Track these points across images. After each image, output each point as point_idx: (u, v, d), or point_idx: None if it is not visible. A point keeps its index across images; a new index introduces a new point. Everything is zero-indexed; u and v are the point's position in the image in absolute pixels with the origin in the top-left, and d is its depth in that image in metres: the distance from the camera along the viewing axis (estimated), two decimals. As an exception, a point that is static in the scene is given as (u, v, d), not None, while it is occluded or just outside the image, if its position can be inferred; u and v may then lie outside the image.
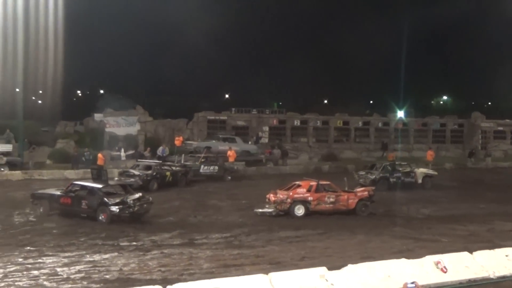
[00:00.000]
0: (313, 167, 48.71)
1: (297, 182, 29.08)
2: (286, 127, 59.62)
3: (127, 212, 25.33)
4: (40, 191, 28.19)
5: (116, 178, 34.04)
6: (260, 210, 28.24)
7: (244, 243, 22.11)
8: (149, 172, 35.74)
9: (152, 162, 38.84)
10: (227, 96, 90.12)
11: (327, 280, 14.70)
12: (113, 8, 68.55)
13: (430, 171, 40.46)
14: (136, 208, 25.61)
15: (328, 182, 29.34)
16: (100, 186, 26.60)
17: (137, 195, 26.45)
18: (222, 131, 54.99)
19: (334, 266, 15.59)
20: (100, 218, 25.25)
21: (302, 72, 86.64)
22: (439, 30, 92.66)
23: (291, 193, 28.01)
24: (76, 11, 54.24)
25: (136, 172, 35.53)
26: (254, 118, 59.83)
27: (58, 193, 26.92)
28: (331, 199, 28.29)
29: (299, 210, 27.87)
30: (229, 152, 44.02)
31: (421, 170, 39.72)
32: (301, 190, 28.17)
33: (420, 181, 38.82)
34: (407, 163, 40.97)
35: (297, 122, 60.31)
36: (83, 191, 26.53)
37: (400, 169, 39.14)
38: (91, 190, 26.34)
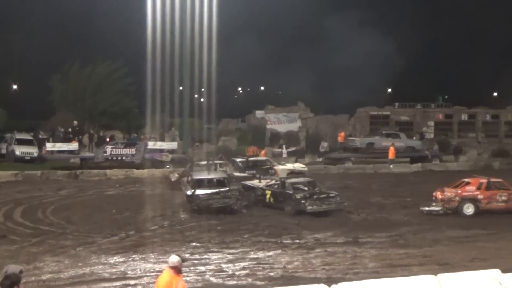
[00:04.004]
0: (483, 164, 46.99)
1: (466, 180, 28.18)
2: (452, 122, 58.01)
3: (193, 205, 27.37)
4: (183, 179, 32.49)
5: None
6: (427, 208, 27.66)
7: (410, 242, 21.78)
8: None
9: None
10: (389, 90, 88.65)
11: (500, 284, 14.13)
12: (269, 7, 69.48)
13: (299, 168, 36.94)
14: (207, 202, 27.08)
15: (499, 180, 28.24)
16: (195, 177, 29.25)
17: (216, 190, 27.86)
18: (385, 126, 54.34)
19: (508, 268, 14.99)
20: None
21: (470, 63, 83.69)
22: None
23: (459, 191, 27.21)
24: (237, 10, 55.57)
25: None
26: (419, 112, 58.65)
27: (185, 181, 30.84)
28: (503, 198, 27.21)
29: (468, 209, 27.04)
30: (391, 148, 43.82)
31: (284, 167, 36.44)
32: (471, 188, 27.29)
33: None
34: (267, 159, 37.86)
35: (464, 117, 58.50)
36: None
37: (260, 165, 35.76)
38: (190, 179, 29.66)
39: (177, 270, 11.38)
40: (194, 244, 21.40)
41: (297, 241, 21.92)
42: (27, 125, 53.64)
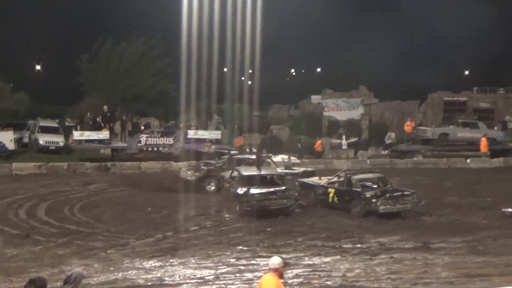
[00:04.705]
0: None
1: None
2: (542, 109, 57.10)
3: (246, 205, 26.65)
4: (222, 174, 32.43)
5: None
6: (510, 210, 27.31)
7: (490, 249, 21.52)
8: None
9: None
10: (466, 72, 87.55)
11: None
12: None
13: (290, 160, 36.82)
14: (263, 203, 26.50)
15: None
16: (244, 173, 28.77)
17: (272, 189, 27.43)
18: (462, 114, 53.71)
19: None
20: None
21: None
22: None
23: (550, 190, 26.86)
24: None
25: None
26: (501, 98, 57.82)
27: (226, 177, 30.70)
28: None
29: (561, 212, 26.65)
30: (483, 140, 43.44)
31: (277, 159, 36.34)
32: None
33: None
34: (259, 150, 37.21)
35: (557, 103, 57.56)
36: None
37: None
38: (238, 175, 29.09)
39: (279, 273, 11.37)
40: (241, 247, 21.52)
41: (359, 245, 21.87)
42: (52, 111, 54.57)
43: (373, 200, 26.34)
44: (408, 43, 72.40)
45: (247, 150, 38.46)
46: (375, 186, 27.89)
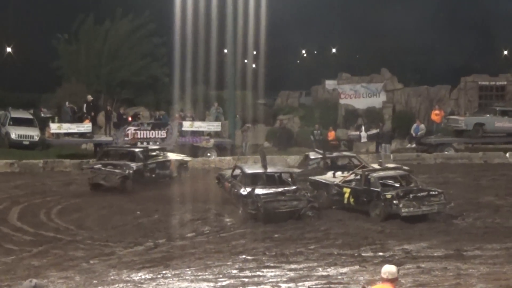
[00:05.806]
0: None
1: None
2: None
3: (251, 208, 26.44)
4: (223, 172, 32.37)
5: None
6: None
7: (534, 257, 21.56)
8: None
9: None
10: (505, 52, 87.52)
11: None
12: None
13: (181, 157, 37.29)
14: (271, 205, 26.38)
15: None
16: (248, 171, 28.75)
17: (280, 189, 27.45)
18: (500, 101, 53.62)
19: None
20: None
21: None
22: None
23: None
24: None
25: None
26: (546, 83, 57.75)
27: (227, 176, 30.35)
28: None
29: None
30: None
31: (176, 157, 36.72)
32: None
33: (176, 173, 35.13)
34: (159, 147, 37.90)
35: None
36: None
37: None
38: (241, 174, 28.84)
39: (395, 285, 11.28)
40: (244, 256, 21.52)
41: (381, 253, 21.90)
42: (25, 100, 54.55)
43: (394, 201, 26.17)
44: (438, 19, 72.26)
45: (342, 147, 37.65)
46: (397, 185, 27.80)
